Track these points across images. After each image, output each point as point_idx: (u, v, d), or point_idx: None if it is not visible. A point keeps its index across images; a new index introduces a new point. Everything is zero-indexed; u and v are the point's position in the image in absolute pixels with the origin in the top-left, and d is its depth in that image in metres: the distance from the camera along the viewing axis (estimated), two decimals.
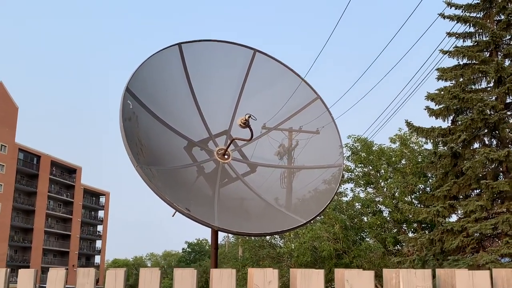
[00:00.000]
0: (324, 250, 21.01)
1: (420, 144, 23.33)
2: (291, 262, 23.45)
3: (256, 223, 7.76)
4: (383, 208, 23.38)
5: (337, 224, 21.88)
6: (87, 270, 3.22)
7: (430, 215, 17.17)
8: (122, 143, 6.37)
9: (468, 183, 17.11)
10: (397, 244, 22.35)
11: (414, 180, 22.02)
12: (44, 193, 77.68)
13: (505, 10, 18.22)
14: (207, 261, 76.58)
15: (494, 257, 15.11)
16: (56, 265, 78.83)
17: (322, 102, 8.55)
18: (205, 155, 7.93)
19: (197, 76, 8.25)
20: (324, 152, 8.44)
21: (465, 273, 2.40)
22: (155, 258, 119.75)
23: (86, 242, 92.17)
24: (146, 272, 3.16)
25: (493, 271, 2.46)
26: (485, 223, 15.72)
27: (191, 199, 7.30)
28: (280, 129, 8.72)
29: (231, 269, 3.09)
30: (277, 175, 8.38)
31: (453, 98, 17.67)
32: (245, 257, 27.09)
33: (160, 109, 7.72)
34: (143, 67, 7.39)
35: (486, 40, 18.40)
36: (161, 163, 7.45)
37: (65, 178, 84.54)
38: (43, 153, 78.26)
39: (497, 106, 16.72)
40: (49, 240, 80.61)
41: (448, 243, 16.45)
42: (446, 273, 2.47)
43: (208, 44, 8.33)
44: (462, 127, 17.06)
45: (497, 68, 16.69)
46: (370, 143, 23.38)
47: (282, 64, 8.68)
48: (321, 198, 7.97)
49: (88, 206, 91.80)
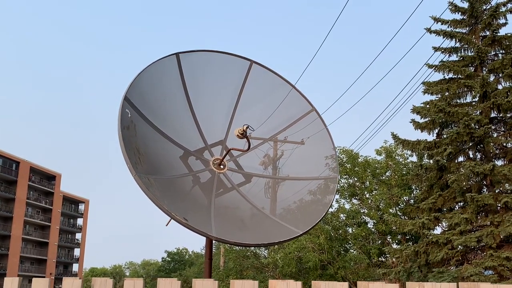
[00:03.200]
0: (309, 261, 21.03)
1: (405, 157, 23.58)
2: (275, 272, 23.42)
3: (251, 233, 7.76)
4: (368, 220, 23.52)
5: (322, 235, 21.93)
6: (104, 280, 3.21)
7: (415, 227, 17.32)
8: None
9: (453, 196, 17.33)
10: (381, 256, 22.47)
11: (399, 192, 22.21)
12: (23, 200, 76.48)
13: (490, 26, 18.59)
14: (188, 270, 75.99)
15: (478, 269, 15.29)
16: (34, 273, 77.55)
17: (317, 114, 8.62)
18: (201, 164, 7.93)
19: (194, 86, 8.26)
20: (317, 163, 8.50)
21: (490, 286, 2.45)
22: (134, 267, 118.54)
23: (64, 250, 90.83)
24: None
25: None
26: (470, 235, 15.91)
27: (187, 209, 7.29)
28: (273, 139, 8.76)
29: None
30: (271, 186, 8.42)
31: (438, 111, 17.91)
32: (228, 267, 26.97)
33: (157, 118, 7.72)
34: (141, 76, 7.38)
35: (472, 55, 18.72)
36: (158, 172, 7.42)
37: (44, 185, 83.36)
38: (22, 159, 77.13)
39: (482, 120, 16.99)
40: (27, 247, 79.27)
41: (433, 255, 16.60)
42: (469, 286, 2.52)
43: (206, 54, 8.36)
44: (448, 141, 17.29)
45: (482, 83, 16.99)
46: (355, 154, 23.55)
47: (278, 75, 8.74)
48: (315, 208, 8.03)
49: (67, 214, 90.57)
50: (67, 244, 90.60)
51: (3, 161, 74.22)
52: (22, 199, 76.44)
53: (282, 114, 8.69)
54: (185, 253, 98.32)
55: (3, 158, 74.04)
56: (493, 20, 18.65)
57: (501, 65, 17.76)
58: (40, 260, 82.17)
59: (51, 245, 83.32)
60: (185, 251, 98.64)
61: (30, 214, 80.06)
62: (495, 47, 18.72)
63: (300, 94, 8.75)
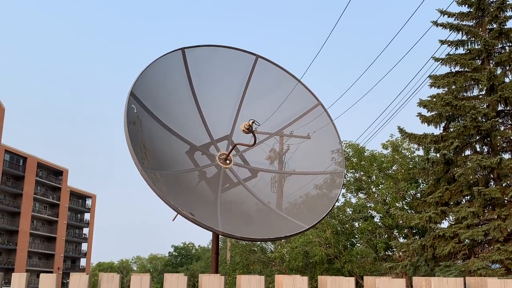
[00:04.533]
0: (316, 255, 21.06)
1: (412, 150, 23.51)
2: (282, 266, 23.46)
3: (258, 228, 7.76)
4: (375, 214, 23.50)
5: (329, 229, 21.94)
6: (111, 276, 3.23)
7: (422, 221, 17.29)
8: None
9: (460, 189, 17.27)
10: (388, 250, 22.46)
11: (406, 186, 22.16)
12: (30, 195, 76.88)
13: (497, 19, 18.47)
14: (194, 264, 76.33)
15: (485, 263, 15.26)
16: (41, 268, 78.06)
17: (323, 108, 8.59)
18: (207, 160, 7.93)
19: (199, 81, 8.25)
20: (323, 157, 8.49)
21: (497, 282, 2.44)
22: (141, 261, 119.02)
23: (71, 245, 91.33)
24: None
25: None
26: (477, 229, 15.87)
27: (194, 204, 7.30)
28: (279, 134, 8.75)
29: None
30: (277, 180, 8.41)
31: (445, 105, 17.83)
32: (235, 261, 27.04)
33: (162, 113, 7.71)
34: (147, 71, 7.37)
35: (478, 48, 18.62)
36: (164, 168, 7.43)
37: (51, 180, 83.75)
38: (30, 155, 77.49)
39: (489, 114, 16.90)
40: (35, 242, 79.75)
41: (440, 249, 16.57)
42: (476, 281, 2.51)
43: (211, 49, 8.33)
44: (455, 134, 17.21)
45: (489, 76, 16.89)
46: (361, 148, 23.51)
47: (283, 70, 8.71)
48: (321, 203, 8.02)
49: (74, 209, 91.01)
50: (74, 239, 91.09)
51: (11, 156, 74.59)
52: (30, 194, 76.85)
53: (288, 108, 8.66)
54: (192, 247, 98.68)
55: (11, 154, 74.41)
56: (500, 12, 18.52)
57: (508, 58, 17.66)
58: (48, 255, 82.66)
59: (59, 240, 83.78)
60: (191, 246, 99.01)
61: (38, 209, 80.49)
62: (502, 39, 18.60)
63: (305, 88, 8.73)
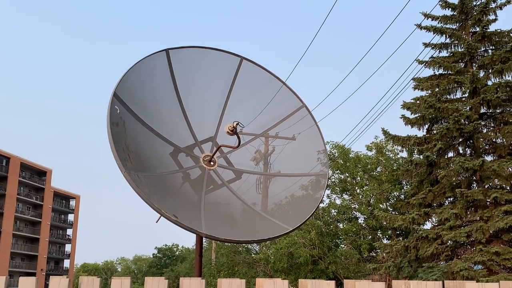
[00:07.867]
0: (301, 256, 21.10)
1: (395, 152, 23.67)
2: (267, 268, 23.48)
3: (242, 230, 7.76)
4: (359, 215, 23.63)
5: (313, 230, 22.01)
6: (91, 279, 3.20)
7: (405, 222, 17.42)
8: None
9: (442, 191, 17.43)
10: (371, 251, 22.58)
11: (390, 187, 22.31)
12: (13, 196, 76.07)
13: (480, 22, 18.67)
14: (179, 266, 76.00)
15: (468, 264, 15.42)
16: (24, 269, 77.24)
17: (307, 110, 8.62)
18: (191, 161, 7.90)
19: (183, 82, 8.22)
20: (308, 159, 8.51)
21: (475, 285, 2.47)
22: (125, 262, 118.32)
23: (55, 246, 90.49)
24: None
25: (501, 283, 2.53)
26: (459, 231, 16.03)
27: (177, 206, 7.27)
28: (265, 135, 8.76)
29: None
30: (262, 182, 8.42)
31: (429, 107, 17.98)
32: (220, 262, 27.00)
33: (146, 114, 7.67)
34: (131, 72, 7.33)
35: (462, 51, 18.81)
36: (148, 169, 7.39)
37: (34, 180, 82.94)
38: (13, 155, 76.66)
39: (471, 116, 17.08)
40: (18, 243, 78.89)
41: (423, 250, 16.71)
42: (455, 285, 2.54)
43: (195, 50, 8.31)
44: (438, 136, 17.37)
45: (472, 79, 17.07)
46: (347, 150, 23.62)
47: (268, 72, 8.71)
48: (306, 204, 8.04)
49: (58, 209, 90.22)
50: (58, 240, 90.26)
51: None
52: (13, 195, 76.04)
53: (272, 110, 8.67)
54: (176, 249, 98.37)
55: None
56: (483, 16, 18.74)
57: (490, 61, 17.85)
58: (31, 256, 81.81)
59: (42, 241, 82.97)
60: (175, 247, 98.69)
61: (21, 210, 79.67)
62: (485, 43, 18.82)
63: (290, 90, 8.75)
